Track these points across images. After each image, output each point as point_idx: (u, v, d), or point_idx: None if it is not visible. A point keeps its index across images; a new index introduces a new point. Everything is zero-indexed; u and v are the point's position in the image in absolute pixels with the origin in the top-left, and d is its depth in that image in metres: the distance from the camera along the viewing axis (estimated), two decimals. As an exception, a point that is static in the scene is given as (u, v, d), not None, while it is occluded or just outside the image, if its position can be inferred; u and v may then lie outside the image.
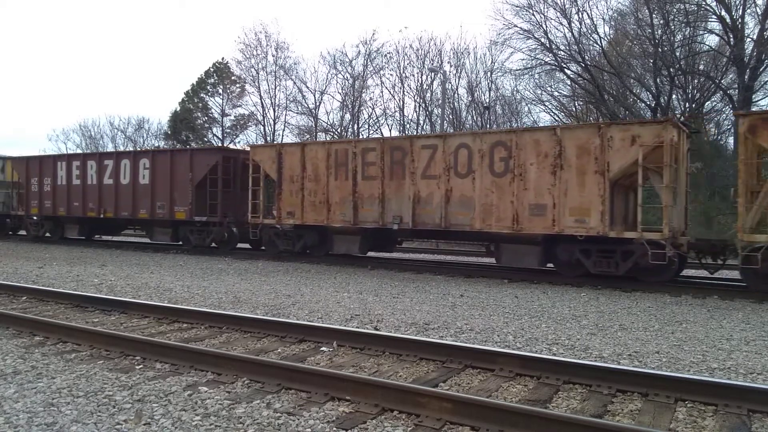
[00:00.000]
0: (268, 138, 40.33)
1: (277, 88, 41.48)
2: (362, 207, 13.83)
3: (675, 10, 24.38)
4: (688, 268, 12.33)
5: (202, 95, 46.07)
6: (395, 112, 38.54)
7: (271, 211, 15.65)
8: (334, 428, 3.88)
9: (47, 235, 21.13)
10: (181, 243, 18.10)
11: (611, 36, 29.42)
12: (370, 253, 15.38)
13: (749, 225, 9.85)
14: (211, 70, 45.83)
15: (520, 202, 11.66)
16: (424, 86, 36.78)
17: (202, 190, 16.87)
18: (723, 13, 23.33)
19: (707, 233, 16.53)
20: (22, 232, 23.13)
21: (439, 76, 31.19)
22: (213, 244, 17.36)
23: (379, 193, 13.53)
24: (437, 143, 12.84)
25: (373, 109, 38.83)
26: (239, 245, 17.78)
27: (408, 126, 36.94)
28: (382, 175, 13.48)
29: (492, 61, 35.24)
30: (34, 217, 21.29)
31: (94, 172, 19.33)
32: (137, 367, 5.25)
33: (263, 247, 16.62)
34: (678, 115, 23.92)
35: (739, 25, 23.11)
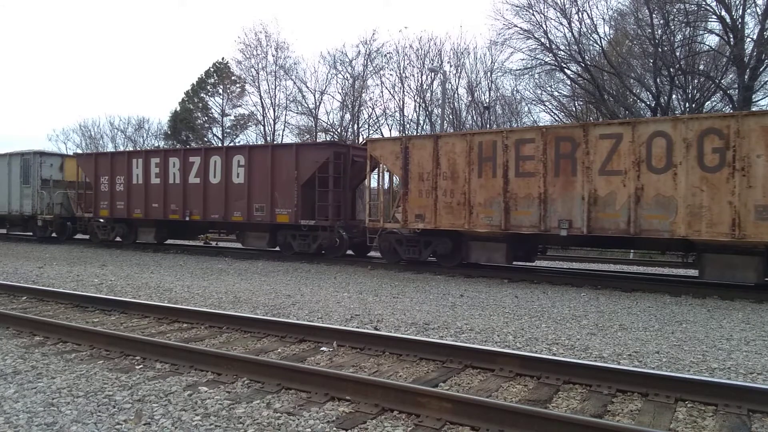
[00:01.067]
0: (268, 138, 40.34)
1: (277, 88, 41.56)
2: (515, 209, 11.86)
3: (675, 10, 24.36)
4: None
5: (202, 95, 46.13)
6: (395, 112, 38.60)
7: (393, 213, 13.89)
8: (334, 428, 3.88)
9: (117, 239, 19.24)
10: (278, 249, 16.13)
11: (611, 36, 29.43)
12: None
13: None
14: (211, 70, 45.89)
15: (743, 203, 9.73)
16: (424, 86, 36.83)
17: (309, 191, 15.04)
18: (723, 13, 23.32)
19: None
20: (79, 236, 21.28)
21: (439, 76, 31.20)
22: (321, 251, 15.40)
23: (539, 192, 11.57)
24: (622, 132, 10.77)
25: (373, 109, 38.91)
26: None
27: (408, 126, 36.97)
28: (544, 171, 11.48)
29: (492, 61, 35.31)
30: (100, 220, 19.37)
31: (177, 170, 17.23)
32: (137, 367, 5.25)
33: (379, 255, 14.77)
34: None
35: (739, 25, 23.09)
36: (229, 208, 16.17)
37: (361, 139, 33.37)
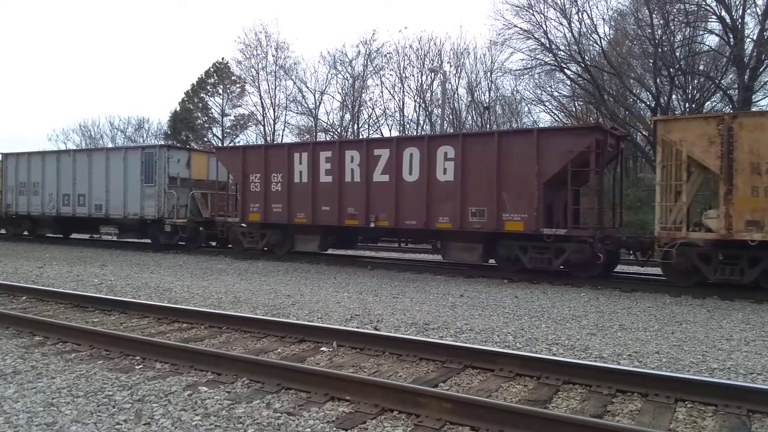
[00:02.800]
0: (268, 138, 40.32)
1: (277, 88, 41.55)
2: None
3: (675, 10, 24.35)
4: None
5: (202, 95, 46.12)
6: (395, 112, 38.63)
7: (702, 219, 10.45)
8: (334, 428, 3.88)
9: (265, 248, 15.94)
10: (495, 264, 12.93)
11: (611, 36, 29.44)
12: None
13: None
14: (211, 70, 45.88)
15: None
16: (424, 86, 36.84)
17: (553, 190, 12.00)
18: (723, 13, 23.30)
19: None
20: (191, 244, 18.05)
21: (439, 76, 31.21)
22: (565, 268, 11.89)
23: None
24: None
25: (373, 109, 38.90)
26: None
27: (408, 126, 36.99)
28: None
29: (492, 61, 35.32)
30: (242, 225, 16.11)
31: (356, 165, 14.00)
32: (137, 367, 5.25)
33: (667, 276, 11.16)
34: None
35: (739, 25, 23.08)
36: (433, 212, 12.85)
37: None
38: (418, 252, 18.76)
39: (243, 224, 16.13)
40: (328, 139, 34.58)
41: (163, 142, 21.64)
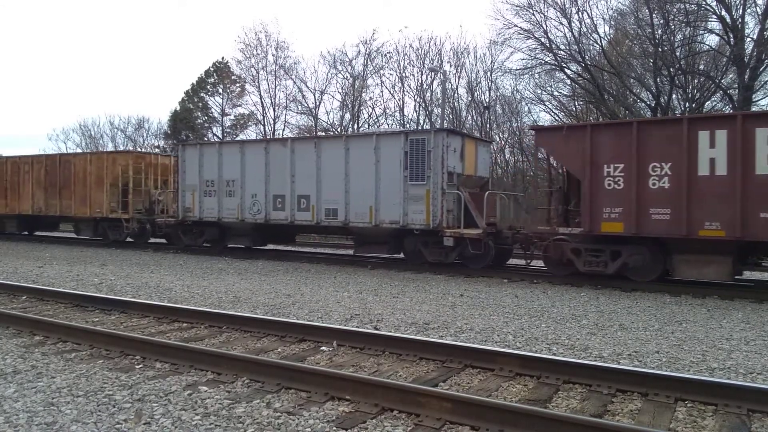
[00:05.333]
0: (268, 138, 40.27)
1: (277, 87, 41.50)
2: None
3: (675, 10, 24.35)
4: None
5: (202, 95, 46.10)
6: (395, 111, 38.54)
7: None
8: (334, 428, 3.88)
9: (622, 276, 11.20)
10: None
11: (611, 36, 29.41)
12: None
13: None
14: (211, 69, 45.86)
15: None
16: (424, 86, 36.78)
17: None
18: (723, 12, 23.31)
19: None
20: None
21: (439, 75, 31.19)
22: None
23: None
24: None
25: (373, 108, 38.83)
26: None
27: (408, 126, 36.94)
28: None
29: (492, 61, 35.31)
30: (566, 238, 11.60)
31: None
32: (137, 367, 5.25)
33: None
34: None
35: (739, 25, 23.08)
36: None
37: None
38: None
39: (571, 237, 11.53)
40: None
41: (448, 126, 16.37)
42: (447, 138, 13.07)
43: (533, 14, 28.00)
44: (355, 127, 37.62)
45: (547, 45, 27.71)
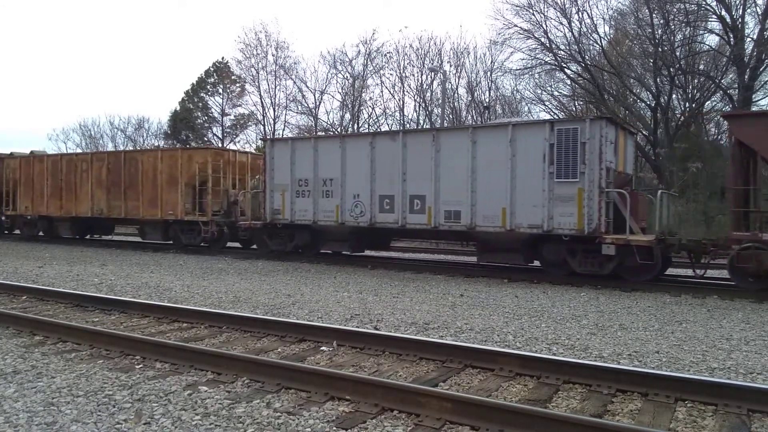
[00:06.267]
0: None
1: (277, 87, 41.60)
2: None
3: (675, 10, 24.38)
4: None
5: (202, 95, 46.14)
6: (395, 111, 38.60)
7: None
8: (334, 428, 3.88)
9: None
10: None
11: (611, 36, 29.44)
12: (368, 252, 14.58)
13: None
14: (211, 69, 45.90)
15: None
16: (424, 86, 36.83)
17: None
18: (723, 12, 23.33)
19: (706, 233, 15.21)
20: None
21: (439, 75, 31.20)
22: None
23: None
24: None
25: (373, 108, 38.87)
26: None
27: (408, 126, 36.92)
28: None
29: (492, 61, 35.37)
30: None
31: None
32: (137, 367, 5.25)
33: None
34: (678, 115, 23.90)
35: (739, 25, 23.10)
36: None
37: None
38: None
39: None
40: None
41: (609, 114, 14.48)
42: (605, 128, 11.16)
43: (533, 14, 28.06)
44: (356, 127, 37.61)
45: (547, 45, 27.75)
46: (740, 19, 23.16)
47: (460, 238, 14.15)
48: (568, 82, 30.26)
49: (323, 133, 15.99)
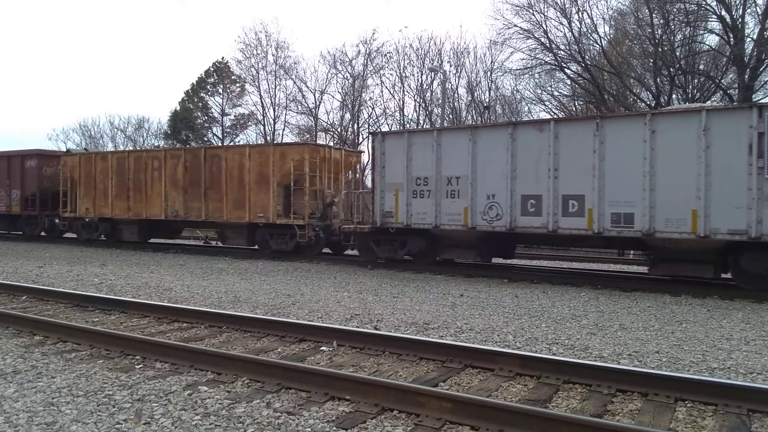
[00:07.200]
0: (268, 138, 40.26)
1: (277, 87, 41.59)
2: None
3: (675, 10, 24.37)
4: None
5: (202, 95, 46.15)
6: (395, 111, 38.60)
7: None
8: (334, 428, 3.88)
9: None
10: None
11: (611, 36, 29.43)
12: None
13: None
14: (211, 69, 45.90)
15: None
16: (424, 86, 36.86)
17: None
18: (723, 12, 23.31)
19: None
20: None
21: (439, 75, 31.20)
22: None
23: None
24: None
25: (373, 108, 38.86)
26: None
27: (408, 126, 36.91)
28: None
29: (492, 61, 35.34)
30: None
31: None
32: (137, 367, 5.25)
33: None
34: None
35: (739, 25, 23.08)
36: None
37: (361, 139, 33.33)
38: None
39: None
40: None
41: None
42: None
43: (533, 14, 28.05)
44: (356, 127, 37.62)
45: (547, 45, 27.75)
46: (740, 19, 23.16)
47: (630, 246, 12.36)
48: (568, 82, 30.28)
49: (447, 124, 14.71)
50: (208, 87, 46.14)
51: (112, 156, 19.57)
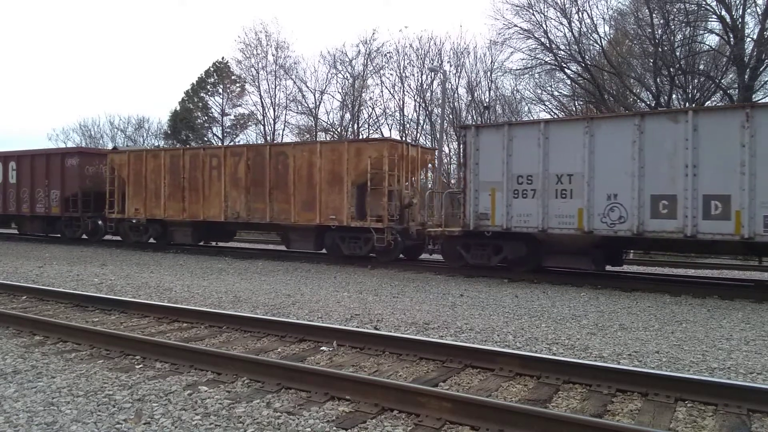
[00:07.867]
0: (268, 138, 40.28)
1: (277, 87, 41.58)
2: None
3: (675, 10, 24.38)
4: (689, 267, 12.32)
5: (202, 95, 46.12)
6: (395, 111, 38.59)
7: None
8: (334, 428, 3.88)
9: None
10: None
11: (611, 36, 29.44)
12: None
13: None
14: (211, 69, 45.89)
15: None
16: (424, 86, 36.84)
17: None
18: (723, 12, 23.32)
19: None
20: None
21: (439, 75, 31.18)
22: None
23: None
24: None
25: (373, 108, 38.85)
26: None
27: (408, 126, 36.95)
28: None
29: (492, 61, 35.33)
30: None
31: None
32: (137, 367, 5.25)
33: None
34: None
35: (739, 25, 23.09)
36: None
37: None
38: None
39: None
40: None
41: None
42: None
43: (533, 14, 28.06)
44: (356, 127, 37.63)
45: (547, 45, 27.76)
46: (740, 19, 23.16)
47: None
48: (568, 82, 30.28)
49: (556, 116, 13.58)
50: (208, 87, 46.13)
51: (164, 153, 18.08)
